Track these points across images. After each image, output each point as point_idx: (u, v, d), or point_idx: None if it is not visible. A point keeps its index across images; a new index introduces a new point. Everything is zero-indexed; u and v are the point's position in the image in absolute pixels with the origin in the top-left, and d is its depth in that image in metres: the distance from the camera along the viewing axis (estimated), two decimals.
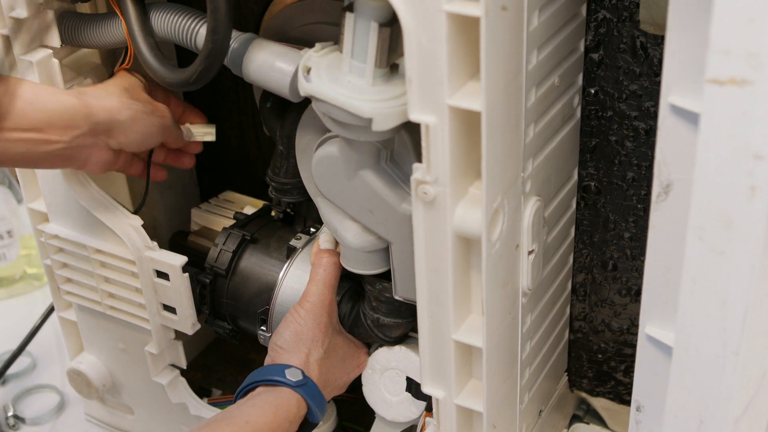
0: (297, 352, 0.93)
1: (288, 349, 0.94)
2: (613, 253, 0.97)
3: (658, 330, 0.75)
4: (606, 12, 0.85)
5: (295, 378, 0.90)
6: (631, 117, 0.88)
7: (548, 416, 1.04)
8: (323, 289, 0.95)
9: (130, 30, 0.91)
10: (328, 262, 0.96)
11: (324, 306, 0.95)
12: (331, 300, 0.96)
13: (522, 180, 0.81)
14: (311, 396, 0.91)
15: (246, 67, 0.89)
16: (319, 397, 0.92)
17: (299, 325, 0.94)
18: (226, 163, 1.24)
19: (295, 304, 0.97)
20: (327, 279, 0.96)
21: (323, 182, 0.88)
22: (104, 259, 1.05)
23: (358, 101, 0.76)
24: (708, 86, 0.56)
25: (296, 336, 0.94)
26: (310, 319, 0.94)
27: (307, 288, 0.96)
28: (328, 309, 0.96)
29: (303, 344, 0.94)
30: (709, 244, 0.61)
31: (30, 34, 0.95)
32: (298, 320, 0.95)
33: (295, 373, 0.91)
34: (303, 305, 0.95)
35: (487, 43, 0.68)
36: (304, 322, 0.94)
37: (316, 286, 0.96)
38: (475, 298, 0.82)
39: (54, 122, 0.90)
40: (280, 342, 0.95)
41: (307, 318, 0.94)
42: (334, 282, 0.96)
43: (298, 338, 0.94)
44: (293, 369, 0.91)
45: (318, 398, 0.92)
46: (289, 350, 0.94)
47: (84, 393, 1.18)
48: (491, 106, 0.71)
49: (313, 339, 0.94)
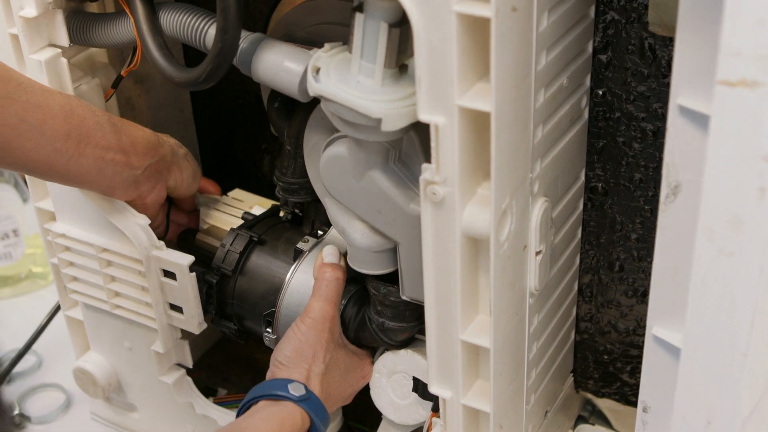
0: (298, 368, 0.93)
1: (288, 365, 0.94)
2: (620, 254, 0.97)
3: (666, 331, 0.75)
4: (615, 13, 0.85)
5: (298, 393, 0.90)
6: (638, 118, 0.88)
7: (554, 417, 1.04)
8: (325, 305, 0.95)
9: (139, 29, 0.91)
10: (331, 277, 0.96)
11: (326, 321, 0.95)
12: (333, 315, 0.96)
13: (530, 181, 0.81)
14: (314, 410, 0.91)
15: (255, 67, 0.89)
16: (322, 412, 0.92)
17: (300, 341, 0.94)
18: (235, 161, 1.25)
19: (297, 319, 0.96)
20: (329, 294, 0.95)
21: (331, 182, 0.89)
22: (111, 258, 1.05)
23: (368, 101, 0.77)
24: (718, 88, 0.56)
25: (297, 352, 0.94)
26: (312, 335, 0.94)
27: (309, 302, 0.96)
28: (330, 324, 0.95)
29: (304, 360, 0.93)
30: (718, 245, 0.61)
31: (39, 34, 0.95)
32: (299, 336, 0.94)
33: (298, 387, 0.91)
34: (304, 321, 0.95)
35: (496, 44, 0.68)
36: (305, 338, 0.94)
37: (318, 301, 0.95)
38: (483, 299, 0.82)
39: (138, 147, 0.95)
40: (281, 358, 0.94)
41: (308, 334, 0.94)
42: (336, 297, 0.96)
43: (299, 354, 0.94)
44: (296, 383, 0.91)
45: (321, 412, 0.91)
46: (290, 366, 0.93)
47: (90, 392, 1.18)
48: (500, 107, 0.71)
49: (314, 355, 0.94)
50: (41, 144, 0.88)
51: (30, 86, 0.88)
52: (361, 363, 0.99)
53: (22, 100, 0.86)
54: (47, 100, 0.88)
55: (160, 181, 1.00)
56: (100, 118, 0.92)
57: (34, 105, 0.87)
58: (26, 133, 0.86)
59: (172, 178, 1.01)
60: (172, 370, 1.12)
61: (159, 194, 1.01)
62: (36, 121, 0.87)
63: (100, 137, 0.91)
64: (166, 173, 1.00)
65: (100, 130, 0.92)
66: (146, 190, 0.99)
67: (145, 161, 0.96)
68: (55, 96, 0.90)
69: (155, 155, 0.98)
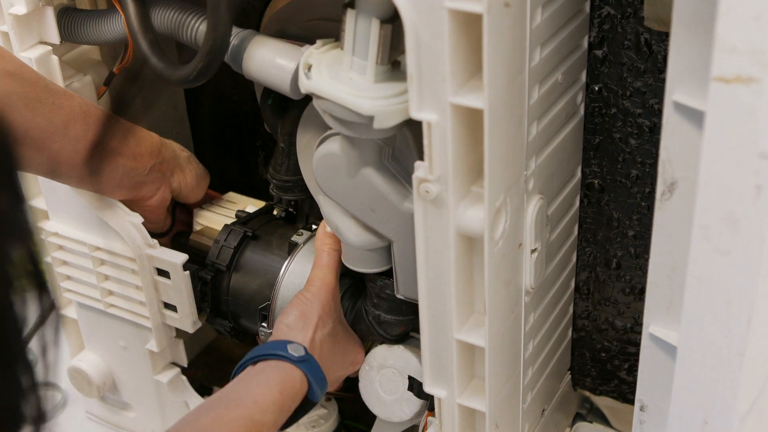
0: (303, 330, 0.94)
1: (293, 327, 0.94)
2: (617, 251, 0.96)
3: (662, 329, 0.75)
4: (610, 8, 0.84)
5: (297, 353, 0.90)
6: (635, 114, 0.87)
7: (551, 415, 1.03)
8: (327, 273, 0.96)
9: (130, 26, 0.91)
10: (332, 247, 0.96)
11: (329, 289, 0.96)
12: (335, 284, 0.97)
13: (525, 178, 0.80)
14: (312, 373, 0.90)
15: (246, 64, 0.88)
16: (320, 376, 0.91)
17: (305, 305, 0.95)
18: (229, 159, 1.24)
19: (301, 289, 0.96)
20: (330, 263, 0.96)
21: (324, 180, 0.88)
22: (104, 256, 1.04)
23: (360, 98, 0.76)
24: (714, 84, 0.56)
25: (302, 316, 0.94)
26: (316, 302, 0.95)
27: (311, 273, 0.97)
28: (333, 292, 0.96)
29: (309, 323, 0.94)
30: (714, 243, 0.61)
31: (29, 31, 0.94)
32: (304, 302, 0.95)
33: (297, 348, 0.91)
34: (309, 289, 0.96)
35: (489, 40, 0.67)
36: (310, 304, 0.95)
37: (320, 270, 0.96)
38: (478, 297, 0.82)
39: (143, 149, 0.98)
40: (286, 321, 0.95)
41: (313, 300, 0.95)
42: (337, 267, 0.97)
43: (304, 318, 0.94)
44: (295, 345, 0.91)
45: (319, 376, 0.91)
46: (295, 329, 0.94)
47: (85, 391, 1.17)
48: (494, 104, 0.70)
49: (319, 319, 0.94)
50: (65, 145, 0.90)
51: (54, 89, 0.91)
52: (355, 348, 1.00)
53: (49, 103, 0.89)
54: (69, 101, 0.91)
55: (164, 183, 1.02)
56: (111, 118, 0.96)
57: (58, 107, 0.90)
58: (53, 135, 0.89)
59: (176, 181, 1.03)
60: (166, 369, 1.12)
61: (163, 196, 1.03)
62: (61, 122, 0.90)
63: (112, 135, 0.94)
64: (169, 175, 1.02)
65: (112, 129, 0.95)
66: (150, 191, 1.01)
67: (149, 163, 0.99)
68: (74, 98, 0.92)
69: (158, 157, 1.00)
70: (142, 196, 1.01)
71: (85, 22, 0.96)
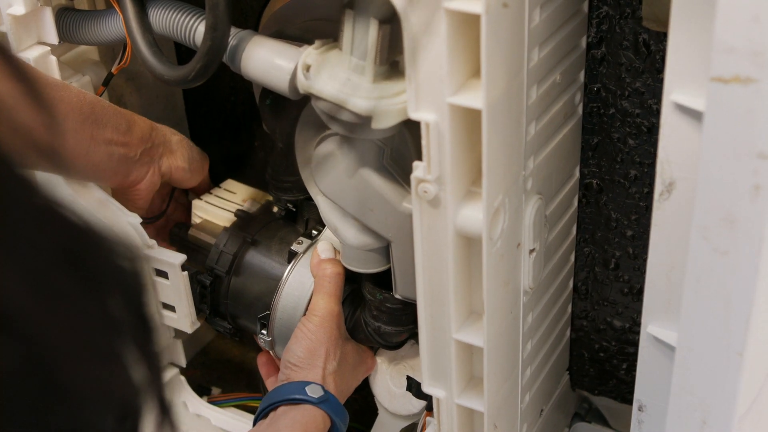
0: (313, 368, 0.92)
1: (303, 366, 0.93)
2: (615, 251, 0.96)
3: (661, 329, 0.75)
4: (608, 8, 0.84)
5: (317, 394, 0.89)
6: (633, 114, 0.87)
7: (549, 415, 1.03)
8: (330, 301, 0.94)
9: (129, 26, 0.91)
10: (333, 273, 0.95)
11: (333, 318, 0.94)
12: (338, 311, 0.95)
13: (523, 178, 0.80)
14: (335, 411, 0.90)
15: (245, 64, 0.88)
16: (341, 411, 0.91)
17: (311, 341, 0.93)
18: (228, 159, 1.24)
19: (302, 318, 0.95)
20: (333, 290, 0.95)
21: (323, 180, 0.88)
22: None
23: (358, 99, 0.76)
24: (712, 84, 0.56)
25: (309, 352, 0.93)
26: (322, 333, 0.93)
27: (313, 300, 0.95)
28: (337, 320, 0.95)
29: (317, 359, 0.93)
30: (713, 243, 0.61)
31: (27, 31, 0.94)
32: (309, 336, 0.93)
33: (316, 389, 0.90)
34: (311, 320, 0.94)
35: (487, 41, 0.67)
36: (315, 338, 0.93)
37: (323, 298, 0.94)
38: (476, 298, 0.82)
39: (134, 132, 0.98)
40: (294, 359, 0.93)
41: (318, 332, 0.93)
42: (339, 293, 0.95)
43: (311, 354, 0.93)
44: (313, 385, 0.90)
45: (340, 412, 0.91)
46: (305, 367, 0.93)
47: None
48: (492, 104, 0.70)
49: (327, 353, 0.93)
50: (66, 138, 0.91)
51: (54, 83, 0.92)
52: (365, 356, 1.00)
53: (50, 97, 0.89)
54: (67, 93, 0.91)
55: (153, 167, 1.01)
56: (104, 103, 0.95)
57: (58, 100, 0.90)
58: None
59: (165, 164, 1.02)
60: (164, 369, 1.11)
61: (152, 180, 1.02)
62: (60, 116, 0.90)
63: (106, 122, 0.94)
64: (158, 159, 1.01)
65: (106, 115, 0.94)
66: (139, 175, 1.00)
67: (141, 145, 0.98)
68: (70, 88, 0.93)
69: (149, 142, 1.00)
70: (132, 180, 1.00)
71: (83, 22, 0.96)
